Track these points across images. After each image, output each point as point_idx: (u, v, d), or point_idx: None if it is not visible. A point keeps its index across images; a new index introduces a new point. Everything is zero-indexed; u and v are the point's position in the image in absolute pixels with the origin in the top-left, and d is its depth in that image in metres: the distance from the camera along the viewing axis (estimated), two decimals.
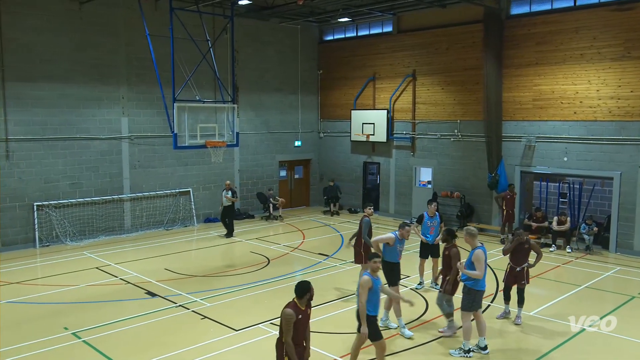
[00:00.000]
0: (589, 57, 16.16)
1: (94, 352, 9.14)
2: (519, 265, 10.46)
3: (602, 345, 9.46)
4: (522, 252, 10.47)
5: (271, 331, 9.97)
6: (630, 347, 9.39)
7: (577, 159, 16.65)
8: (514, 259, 10.50)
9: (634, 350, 9.25)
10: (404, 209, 21.37)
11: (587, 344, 9.47)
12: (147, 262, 15.13)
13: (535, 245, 10.60)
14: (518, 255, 10.48)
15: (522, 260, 10.47)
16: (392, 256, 10.18)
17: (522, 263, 10.47)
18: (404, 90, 21.05)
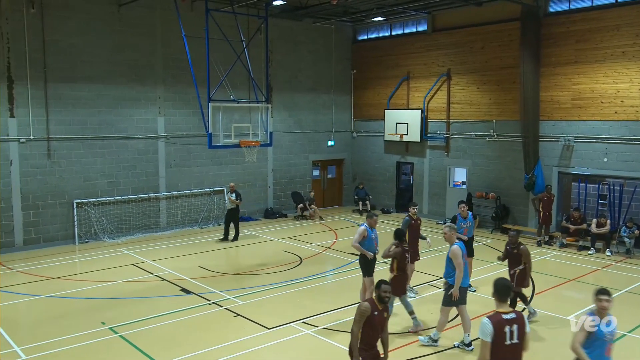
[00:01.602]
0: (631, 54, 15.71)
1: (130, 347, 9.34)
2: (511, 269, 10.42)
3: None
4: (512, 256, 10.38)
5: (303, 330, 10.01)
6: None
7: (618, 160, 16.20)
8: (508, 262, 10.60)
9: None
10: (437, 209, 21.17)
11: (627, 350, 9.21)
12: (182, 259, 15.37)
13: (526, 253, 10.32)
14: (510, 258, 10.49)
15: (513, 264, 10.39)
16: (370, 248, 10.48)
17: (513, 267, 10.38)
18: (439, 90, 20.85)
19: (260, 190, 21.57)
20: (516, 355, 5.86)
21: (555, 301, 11.74)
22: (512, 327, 5.75)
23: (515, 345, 5.77)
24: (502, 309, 5.85)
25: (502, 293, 5.92)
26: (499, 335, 5.68)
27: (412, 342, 9.50)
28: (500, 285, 5.97)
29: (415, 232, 11.86)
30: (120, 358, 8.98)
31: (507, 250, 10.54)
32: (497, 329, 5.68)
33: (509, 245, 10.51)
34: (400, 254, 9.78)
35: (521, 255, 10.28)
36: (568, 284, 13.02)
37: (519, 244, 10.32)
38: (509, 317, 5.77)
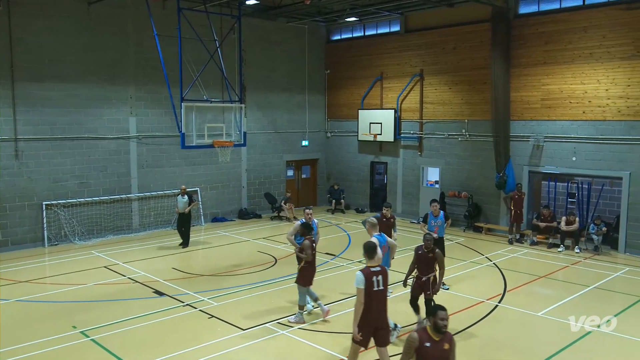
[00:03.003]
0: (598, 56, 16.07)
1: (102, 351, 9.19)
2: (424, 275, 9.75)
3: (610, 346, 9.41)
4: (426, 261, 9.73)
5: (278, 331, 9.99)
6: (639, 348, 9.33)
7: (586, 159, 16.57)
8: (419, 267, 9.84)
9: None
10: (411, 208, 21.34)
11: (595, 345, 9.43)
12: (155, 261, 15.19)
13: (440, 257, 9.77)
14: (422, 263, 9.79)
15: (426, 269, 9.75)
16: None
17: (427, 272, 9.74)
18: (412, 90, 21.02)
19: (234, 190, 21.45)
20: (382, 298, 7.51)
21: (526, 298, 11.93)
22: (378, 277, 7.41)
23: (381, 290, 7.46)
24: (370, 264, 7.48)
25: (370, 252, 7.54)
26: (369, 284, 7.32)
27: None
28: (367, 246, 7.61)
29: (387, 230, 12.01)
30: None
31: (420, 255, 9.77)
32: (367, 279, 7.32)
33: (421, 250, 9.78)
34: (307, 247, 10.15)
35: (436, 259, 9.70)
36: (539, 281, 13.27)
37: (433, 248, 9.72)
38: (375, 270, 7.43)
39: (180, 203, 16.53)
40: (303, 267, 10.29)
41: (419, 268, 9.79)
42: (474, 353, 9.11)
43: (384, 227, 12.09)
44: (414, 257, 9.87)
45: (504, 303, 11.56)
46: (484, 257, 15.52)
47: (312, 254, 10.29)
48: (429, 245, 9.66)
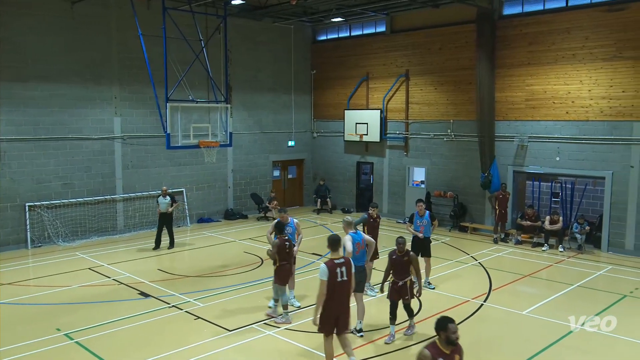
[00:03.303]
0: (581, 57, 16.25)
1: (87, 353, 9.08)
2: (401, 279, 9.45)
3: (595, 343, 9.52)
4: (401, 265, 9.47)
5: (265, 331, 9.97)
6: (622, 345, 9.45)
7: (569, 159, 16.74)
8: (394, 272, 9.55)
9: (625, 349, 9.31)
10: (397, 208, 21.41)
11: (579, 343, 9.52)
12: (140, 262, 15.08)
13: (415, 260, 9.56)
14: (397, 268, 9.50)
15: (402, 273, 9.48)
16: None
17: (403, 277, 9.46)
18: (397, 90, 21.09)
19: (220, 191, 21.37)
20: (345, 288, 7.87)
21: (510, 297, 12.02)
22: (342, 268, 7.77)
23: (345, 281, 7.82)
24: (334, 257, 7.86)
25: (334, 244, 7.94)
26: (332, 275, 7.67)
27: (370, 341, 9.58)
28: (332, 239, 7.99)
29: (373, 231, 12.05)
30: None
31: (394, 260, 9.52)
32: (331, 271, 7.66)
33: (394, 254, 9.54)
34: (278, 246, 10.23)
35: (410, 262, 9.48)
36: (523, 280, 13.38)
37: (407, 251, 9.55)
38: (339, 262, 7.80)
39: (162, 204, 16.31)
40: (278, 267, 10.31)
41: (395, 273, 9.52)
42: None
43: (371, 227, 12.13)
44: (388, 262, 9.61)
45: (489, 302, 11.64)
46: (469, 256, 15.61)
47: (286, 253, 10.30)
48: (402, 249, 9.47)
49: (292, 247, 10.63)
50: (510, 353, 9.07)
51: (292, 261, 10.72)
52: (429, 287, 12.47)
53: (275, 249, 10.31)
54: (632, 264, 14.71)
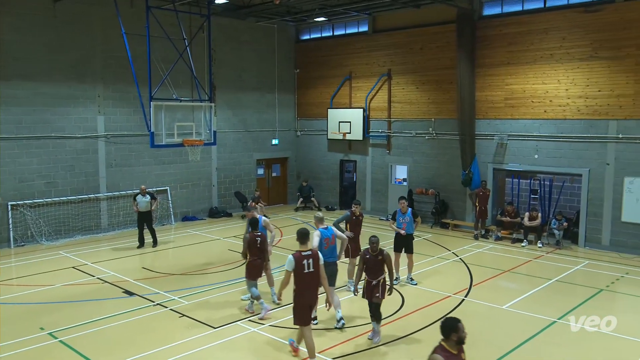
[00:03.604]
0: (558, 57, 16.43)
1: (71, 352, 8.98)
2: (374, 279, 9.21)
3: (571, 336, 9.64)
4: (375, 264, 9.22)
5: (250, 328, 9.94)
6: (599, 338, 9.59)
7: (547, 157, 16.93)
8: (368, 272, 9.28)
9: (602, 342, 9.45)
10: (380, 206, 21.49)
11: (558, 336, 9.64)
12: (125, 261, 14.94)
13: (389, 259, 9.29)
14: (371, 267, 9.25)
15: (376, 272, 9.22)
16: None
17: (377, 276, 9.20)
18: (380, 89, 21.15)
19: (204, 189, 21.25)
20: (313, 279, 8.17)
21: (490, 292, 12.13)
22: (308, 260, 8.07)
23: (312, 272, 8.10)
24: (302, 249, 8.14)
25: (302, 237, 8.22)
26: (299, 266, 7.99)
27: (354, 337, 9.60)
28: (300, 233, 8.27)
29: (356, 228, 12.07)
30: None
31: (368, 259, 9.24)
32: (297, 262, 7.99)
33: (368, 254, 9.27)
34: (248, 241, 10.33)
35: (384, 261, 9.22)
36: (503, 275, 13.51)
37: (380, 250, 9.25)
38: (306, 254, 8.10)
39: (142, 203, 16.05)
40: (249, 262, 10.42)
41: (368, 272, 9.25)
42: None
43: (354, 224, 12.10)
44: (361, 262, 9.31)
45: (470, 297, 11.73)
46: (450, 252, 15.72)
47: (257, 248, 10.38)
48: (375, 249, 9.21)
49: (264, 243, 10.60)
50: (490, 347, 9.16)
51: (265, 257, 10.70)
52: (412, 282, 12.54)
53: (245, 244, 10.39)
54: (608, 259, 14.94)
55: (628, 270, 13.89)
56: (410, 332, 9.77)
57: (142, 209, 16.10)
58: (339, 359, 8.65)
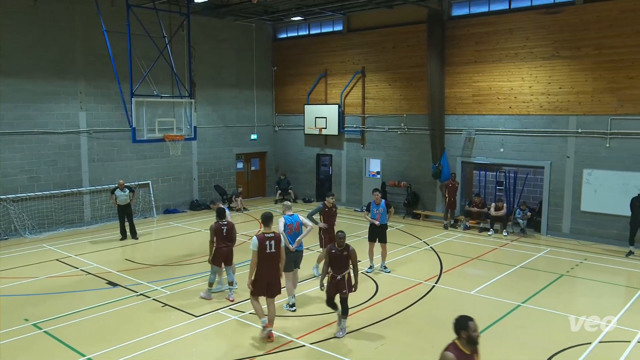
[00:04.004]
0: (523, 56, 16.65)
1: (56, 342, 8.85)
2: (339, 274, 8.91)
3: (533, 319, 9.83)
4: (340, 259, 8.91)
5: (230, 316, 9.92)
6: (559, 319, 9.80)
7: (512, 150, 17.18)
8: (333, 266, 8.96)
9: (564, 323, 9.65)
10: (354, 197, 21.57)
11: (522, 319, 9.83)
12: (108, 253, 14.74)
13: (354, 254, 8.94)
14: (336, 262, 8.93)
15: (341, 267, 8.92)
16: None
17: (342, 271, 8.91)
18: (354, 86, 21.17)
19: (185, 182, 21.05)
20: (274, 258, 8.63)
21: (459, 278, 12.30)
22: (270, 242, 8.54)
23: (273, 253, 8.57)
24: (265, 231, 8.60)
25: (266, 221, 8.72)
26: (262, 247, 8.47)
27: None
28: (264, 216, 8.77)
29: (330, 219, 12.13)
30: (45, 354, 8.48)
31: (333, 254, 8.92)
32: (261, 243, 8.47)
33: (334, 249, 8.94)
34: (214, 230, 10.53)
35: (350, 256, 8.91)
36: (471, 262, 13.70)
37: (346, 245, 8.95)
38: (269, 236, 8.56)
39: (121, 197, 15.81)
40: (215, 249, 10.61)
41: (334, 267, 8.94)
42: (415, 330, 9.34)
43: (327, 215, 12.14)
44: (327, 257, 9.01)
45: (440, 283, 11.88)
46: (422, 241, 15.88)
47: (222, 237, 10.56)
48: (341, 244, 8.89)
49: (230, 231, 10.73)
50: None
51: (232, 245, 10.84)
52: (385, 270, 12.65)
53: (211, 232, 10.57)
54: (568, 246, 15.26)
55: (587, 256, 14.21)
56: (384, 317, 9.87)
57: (122, 203, 15.88)
58: (316, 344, 8.69)
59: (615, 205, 15.05)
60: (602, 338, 8.91)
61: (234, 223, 10.96)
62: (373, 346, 8.65)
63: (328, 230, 11.95)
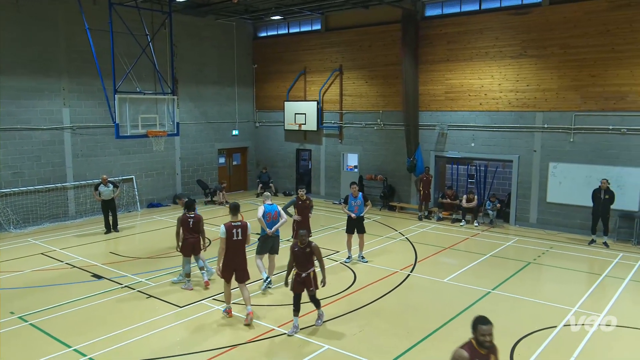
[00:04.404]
0: (492, 55, 16.82)
1: (42, 334, 8.70)
2: (304, 271, 8.58)
3: (503, 304, 9.99)
4: (304, 257, 8.57)
5: (213, 306, 9.86)
6: (527, 304, 9.99)
7: (483, 145, 17.36)
8: (297, 264, 8.62)
9: (531, 308, 9.84)
10: (333, 191, 21.60)
11: (492, 305, 9.97)
12: (93, 246, 14.51)
13: (317, 251, 8.58)
14: (300, 260, 8.60)
15: (305, 265, 8.58)
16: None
17: (306, 268, 8.57)
18: (332, 84, 21.15)
19: (168, 177, 20.82)
20: (240, 245, 8.98)
21: (433, 267, 12.41)
22: (237, 230, 8.89)
23: (240, 240, 8.93)
24: (232, 220, 8.98)
25: (234, 210, 9.14)
26: (229, 234, 8.82)
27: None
28: (231, 206, 9.22)
29: (303, 211, 12.26)
30: (31, 345, 8.32)
31: (296, 252, 8.56)
32: (228, 231, 8.81)
33: (296, 247, 8.58)
34: (181, 221, 10.71)
35: (313, 253, 8.57)
36: (444, 252, 13.84)
37: (309, 242, 8.59)
38: (235, 224, 8.92)
39: (105, 192, 15.65)
40: (183, 240, 10.73)
41: (298, 265, 8.61)
42: (392, 316, 9.41)
43: (301, 208, 12.26)
44: (291, 255, 8.67)
45: (415, 272, 11.98)
46: (397, 232, 15.98)
47: (190, 228, 10.69)
48: (304, 241, 8.52)
49: (197, 224, 10.79)
50: (434, 316, 9.40)
51: (199, 236, 10.90)
52: (363, 260, 12.71)
53: (178, 223, 10.75)
54: (535, 235, 15.52)
55: (552, 245, 14.48)
56: (362, 305, 9.92)
57: (106, 198, 15.69)
58: (298, 331, 8.70)
59: (578, 197, 15.35)
60: (566, 322, 9.10)
61: (201, 216, 11.01)
62: (352, 332, 8.69)
63: (302, 222, 12.10)
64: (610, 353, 8.04)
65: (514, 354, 7.92)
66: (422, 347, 8.18)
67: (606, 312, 9.55)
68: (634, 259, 13.02)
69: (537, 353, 7.95)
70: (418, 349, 8.14)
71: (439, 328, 8.87)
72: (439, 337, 8.56)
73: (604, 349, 8.07)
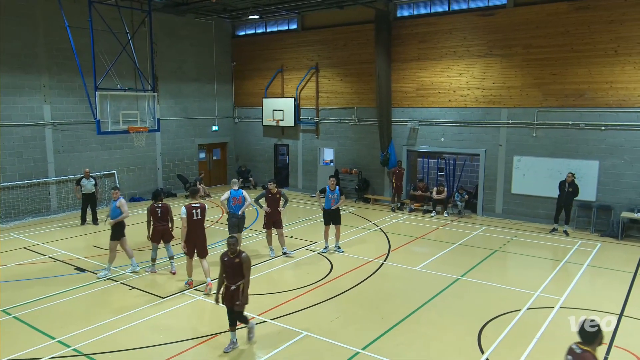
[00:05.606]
0: (460, 54, 17.00)
1: (26, 327, 8.51)
2: (233, 283, 7.47)
3: (471, 290, 10.17)
4: (233, 267, 7.46)
5: (195, 296, 9.79)
6: (494, 290, 10.18)
7: (452, 139, 17.56)
8: (227, 275, 7.54)
9: (497, 293, 10.03)
10: (310, 184, 21.60)
11: (461, 291, 10.14)
12: (75, 240, 14.23)
13: (247, 262, 7.47)
14: (229, 270, 7.49)
15: (234, 276, 7.47)
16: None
17: (235, 280, 7.46)
18: (309, 81, 21.10)
19: (150, 172, 20.52)
20: (199, 224, 9.92)
21: (406, 256, 12.54)
22: (197, 210, 9.86)
23: (199, 219, 9.90)
24: (192, 202, 9.91)
25: (192, 193, 10.13)
26: (189, 214, 9.77)
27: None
28: (191, 190, 10.18)
29: (273, 204, 12.32)
30: (15, 338, 8.13)
31: (226, 262, 7.46)
32: (188, 211, 9.76)
33: (226, 257, 7.50)
34: (150, 211, 11.00)
35: (242, 264, 7.42)
36: (416, 241, 13.99)
37: (239, 252, 7.49)
38: (195, 206, 9.87)
39: (88, 185, 15.44)
40: (152, 228, 11.04)
41: (227, 276, 7.51)
42: (367, 303, 9.48)
43: (271, 201, 12.33)
44: (221, 266, 7.56)
45: (388, 261, 12.08)
46: (371, 223, 16.08)
47: (158, 217, 10.96)
48: (233, 250, 7.44)
49: (165, 213, 11.03)
50: (407, 302, 9.51)
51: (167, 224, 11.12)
52: (339, 250, 12.76)
53: (147, 213, 11.00)
54: (501, 225, 15.80)
55: (517, 233, 14.77)
56: (339, 292, 9.98)
57: (87, 192, 15.47)
58: (276, 319, 8.71)
59: (541, 188, 15.67)
60: (530, 305, 9.32)
61: (169, 205, 11.20)
62: (329, 319, 8.74)
63: (271, 214, 12.27)
64: (571, 333, 8.26)
65: (482, 336, 8.08)
66: (396, 331, 8.28)
67: (566, 296, 9.79)
68: (591, 246, 13.39)
69: (503, 334, 8.13)
70: (392, 332, 8.23)
71: (412, 313, 8.98)
72: (412, 321, 8.68)
73: (566, 330, 8.29)
